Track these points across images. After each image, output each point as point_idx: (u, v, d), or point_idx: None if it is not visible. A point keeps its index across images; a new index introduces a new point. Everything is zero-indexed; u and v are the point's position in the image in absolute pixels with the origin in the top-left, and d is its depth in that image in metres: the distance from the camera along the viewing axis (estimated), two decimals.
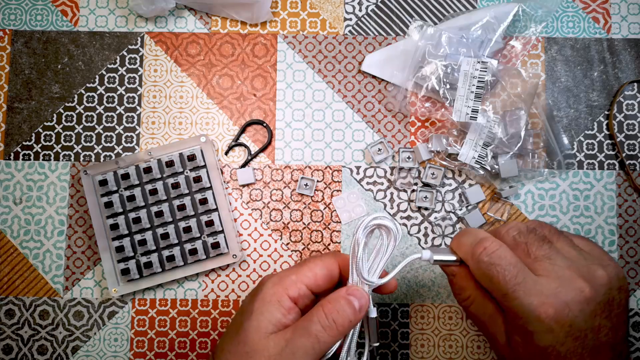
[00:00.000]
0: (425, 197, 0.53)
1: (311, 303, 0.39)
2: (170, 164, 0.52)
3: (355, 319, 0.36)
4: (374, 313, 0.39)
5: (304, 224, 0.54)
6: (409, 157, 0.53)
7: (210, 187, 0.52)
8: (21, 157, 0.54)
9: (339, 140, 0.54)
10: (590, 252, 0.38)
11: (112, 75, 0.55)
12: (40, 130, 0.55)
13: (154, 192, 0.51)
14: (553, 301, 0.33)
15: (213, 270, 0.53)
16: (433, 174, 0.53)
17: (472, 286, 0.38)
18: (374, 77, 0.55)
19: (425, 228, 0.53)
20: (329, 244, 0.53)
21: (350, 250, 0.38)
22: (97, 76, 0.55)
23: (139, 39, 0.55)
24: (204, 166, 0.52)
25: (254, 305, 0.36)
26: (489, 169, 0.52)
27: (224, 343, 0.37)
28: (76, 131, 0.55)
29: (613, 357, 0.35)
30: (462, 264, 0.39)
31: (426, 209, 0.53)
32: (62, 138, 0.54)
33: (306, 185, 0.54)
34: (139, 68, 0.55)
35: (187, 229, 0.51)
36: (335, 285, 0.40)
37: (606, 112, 0.54)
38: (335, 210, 0.54)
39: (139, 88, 0.55)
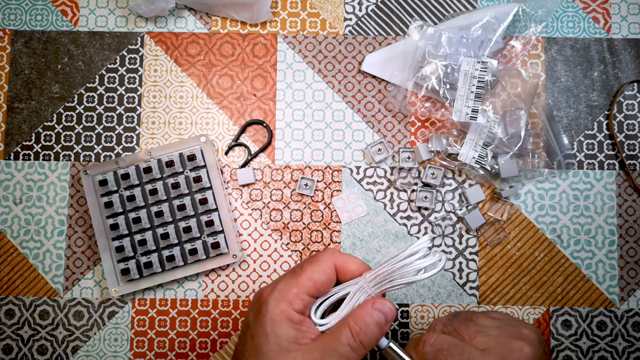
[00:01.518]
0: (425, 197, 0.53)
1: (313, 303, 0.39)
2: (170, 164, 0.52)
3: (382, 334, 0.37)
4: (384, 342, 0.38)
5: (304, 224, 0.54)
6: (409, 157, 0.53)
7: (210, 187, 0.52)
8: (21, 157, 0.54)
9: (339, 140, 0.54)
10: (506, 319, 0.41)
11: (112, 75, 0.55)
12: (40, 130, 0.55)
13: (154, 192, 0.51)
14: None
15: (213, 270, 0.53)
16: (433, 174, 0.53)
17: None
18: (374, 77, 0.55)
19: (425, 228, 0.53)
20: (329, 244, 0.53)
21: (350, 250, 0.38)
22: (97, 76, 0.55)
23: (139, 39, 0.55)
24: (204, 166, 0.52)
25: (266, 329, 0.36)
26: (489, 169, 0.52)
27: None
28: (76, 131, 0.55)
29: None
30: None
31: (426, 209, 0.53)
32: (62, 138, 0.54)
33: (306, 185, 0.54)
34: (139, 68, 0.55)
35: (187, 229, 0.51)
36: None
37: (606, 112, 0.54)
38: (335, 210, 0.54)
39: (139, 88, 0.55)
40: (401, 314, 0.53)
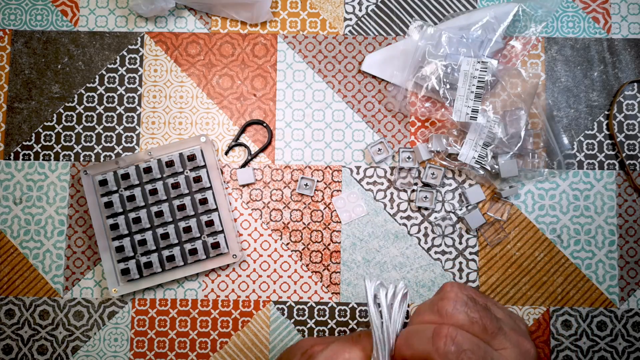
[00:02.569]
0: (425, 197, 0.53)
1: None
2: (170, 164, 0.52)
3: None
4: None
5: (304, 224, 0.54)
6: (409, 157, 0.53)
7: (210, 187, 0.52)
8: (21, 157, 0.54)
9: (339, 140, 0.54)
10: (505, 309, 0.39)
11: (112, 75, 0.55)
12: (40, 130, 0.55)
13: (154, 192, 0.51)
14: None
15: (213, 270, 0.53)
16: (433, 174, 0.53)
17: None
18: (374, 77, 0.55)
19: (425, 228, 0.53)
20: (329, 244, 0.53)
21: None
22: (97, 76, 0.55)
23: (139, 39, 0.55)
24: (204, 166, 0.52)
25: None
26: (489, 169, 0.52)
27: None
28: (76, 131, 0.55)
29: None
30: None
31: (426, 209, 0.53)
32: (62, 138, 0.54)
33: (306, 185, 0.54)
34: (139, 68, 0.55)
35: (187, 229, 0.51)
36: None
37: (606, 112, 0.54)
38: (335, 210, 0.54)
39: (139, 88, 0.55)
40: None
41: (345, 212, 0.54)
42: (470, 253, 0.53)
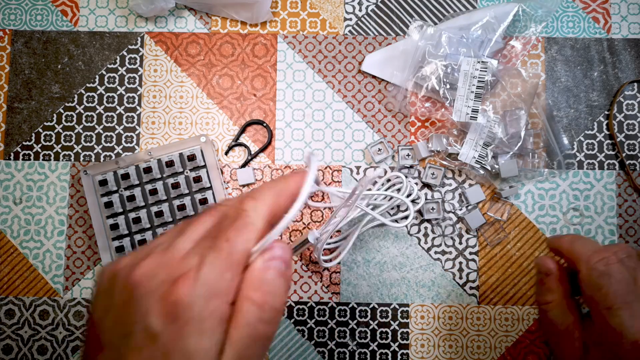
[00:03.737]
0: (432, 209, 0.53)
1: None
2: (170, 164, 0.52)
3: (288, 283, 0.27)
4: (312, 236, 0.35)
5: (304, 224, 0.54)
6: (408, 155, 0.53)
7: (210, 187, 0.52)
8: (21, 157, 0.54)
9: (339, 140, 0.54)
10: None
11: (112, 75, 0.55)
12: (40, 130, 0.55)
13: (154, 192, 0.51)
14: None
15: None
16: (433, 174, 0.53)
17: (560, 291, 0.38)
18: (374, 77, 0.55)
19: (425, 228, 0.53)
20: None
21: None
22: (97, 76, 0.55)
23: (139, 39, 0.55)
24: (204, 166, 0.52)
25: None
26: (489, 169, 0.52)
27: None
28: (76, 131, 0.55)
29: None
30: (558, 266, 0.39)
31: (435, 219, 0.52)
32: (62, 138, 0.54)
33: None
34: (139, 68, 0.55)
35: None
36: None
37: (606, 112, 0.54)
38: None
39: (139, 88, 0.55)
40: (401, 314, 0.53)
41: (336, 196, 0.53)
42: (470, 253, 0.53)
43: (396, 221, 0.47)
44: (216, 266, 0.24)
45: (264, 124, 0.54)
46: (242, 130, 0.54)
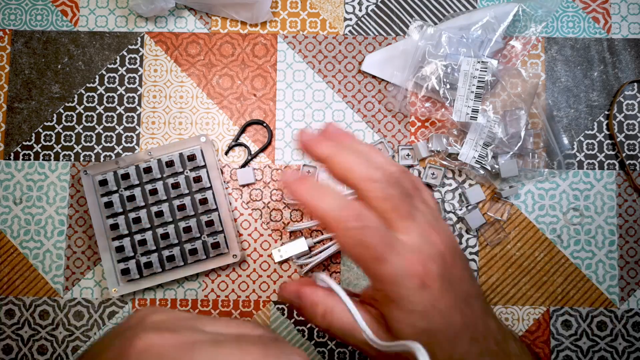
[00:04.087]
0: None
1: None
2: (170, 164, 0.52)
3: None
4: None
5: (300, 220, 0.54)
6: (408, 155, 0.53)
7: (210, 187, 0.52)
8: (21, 157, 0.54)
9: None
10: (433, 206, 0.37)
11: (112, 75, 0.55)
12: (40, 130, 0.55)
13: (154, 192, 0.51)
14: (418, 257, 0.32)
15: (213, 270, 0.53)
16: (433, 174, 0.53)
17: (319, 296, 0.35)
18: (374, 77, 0.55)
19: None
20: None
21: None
22: (97, 76, 0.55)
23: (139, 39, 0.55)
24: (204, 166, 0.52)
25: None
26: (489, 168, 0.52)
27: None
28: (76, 131, 0.55)
29: (483, 306, 0.34)
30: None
31: None
32: (62, 138, 0.54)
33: (308, 172, 0.53)
34: (139, 68, 0.55)
35: (187, 229, 0.51)
36: None
37: (606, 112, 0.54)
38: None
39: (139, 88, 0.55)
40: None
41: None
42: (470, 253, 0.53)
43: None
44: None
45: (264, 124, 0.54)
46: (242, 130, 0.54)
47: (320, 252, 0.52)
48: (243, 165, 0.54)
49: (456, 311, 0.32)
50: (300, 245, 0.52)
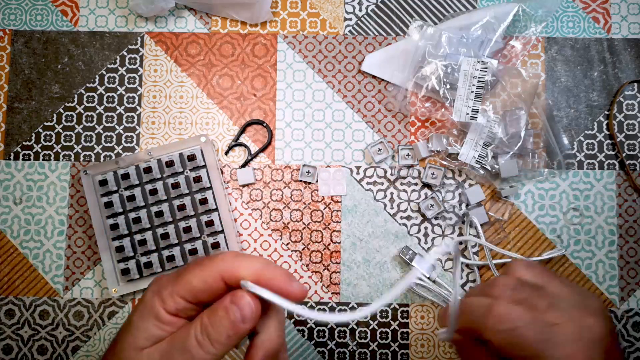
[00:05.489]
0: (431, 205, 0.53)
1: (201, 311, 0.32)
2: (170, 164, 0.52)
3: (236, 333, 0.30)
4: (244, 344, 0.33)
5: (304, 224, 0.54)
6: (408, 155, 0.53)
7: (210, 187, 0.52)
8: (21, 157, 0.54)
9: (339, 140, 0.54)
10: (573, 285, 0.37)
11: (112, 75, 0.55)
12: (40, 130, 0.55)
13: (154, 192, 0.51)
14: (577, 346, 0.32)
15: None
16: (433, 174, 0.53)
17: (483, 354, 0.36)
18: (374, 77, 0.55)
19: (426, 228, 0.53)
20: (329, 244, 0.53)
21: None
22: (97, 76, 0.55)
23: (139, 39, 0.55)
24: (204, 166, 0.52)
25: (133, 318, 0.32)
26: (489, 169, 0.52)
27: (106, 354, 0.33)
28: (76, 131, 0.55)
29: None
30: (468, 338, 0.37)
31: (436, 218, 0.53)
32: (62, 138, 0.54)
33: (308, 172, 0.53)
34: (139, 68, 0.55)
35: (187, 229, 0.51)
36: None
37: (606, 112, 0.54)
38: (335, 210, 0.54)
39: (139, 88, 0.55)
40: (401, 314, 0.53)
41: (325, 185, 0.53)
42: (471, 253, 0.53)
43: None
44: (171, 277, 0.32)
45: (264, 124, 0.54)
46: (242, 130, 0.54)
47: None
48: (243, 165, 0.54)
49: None
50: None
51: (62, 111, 0.55)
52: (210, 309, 0.31)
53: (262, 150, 0.54)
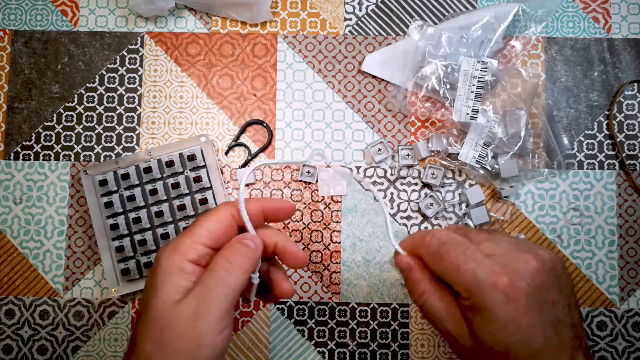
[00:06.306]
0: (431, 204, 0.53)
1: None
2: (170, 164, 0.52)
3: (254, 256, 0.36)
4: (256, 280, 0.38)
5: (304, 224, 0.54)
6: (408, 155, 0.53)
7: (210, 187, 0.52)
8: (21, 157, 0.54)
9: (339, 140, 0.54)
10: (525, 241, 0.39)
11: (112, 75, 0.55)
12: (40, 130, 0.55)
13: (154, 192, 0.51)
14: (505, 270, 0.33)
15: None
16: (433, 174, 0.53)
17: (426, 278, 0.38)
18: (374, 77, 0.55)
19: (426, 228, 0.53)
20: (329, 244, 0.53)
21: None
22: (97, 76, 0.55)
23: (139, 39, 0.55)
24: (204, 166, 0.52)
25: (156, 281, 0.35)
26: (489, 169, 0.52)
27: (138, 326, 0.35)
28: (76, 131, 0.55)
29: (574, 337, 0.34)
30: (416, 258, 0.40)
31: (436, 217, 0.53)
32: (62, 138, 0.54)
33: (308, 172, 0.54)
34: (139, 68, 0.55)
35: None
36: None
37: (606, 112, 0.54)
38: (335, 210, 0.54)
39: (139, 88, 0.55)
40: (401, 314, 0.53)
41: (325, 185, 0.53)
42: None
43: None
44: (182, 235, 0.37)
45: (264, 124, 0.54)
46: (242, 130, 0.54)
47: None
48: (243, 165, 0.54)
49: (538, 332, 0.33)
50: None
51: (62, 111, 0.55)
52: (227, 246, 0.36)
53: (262, 150, 0.54)
